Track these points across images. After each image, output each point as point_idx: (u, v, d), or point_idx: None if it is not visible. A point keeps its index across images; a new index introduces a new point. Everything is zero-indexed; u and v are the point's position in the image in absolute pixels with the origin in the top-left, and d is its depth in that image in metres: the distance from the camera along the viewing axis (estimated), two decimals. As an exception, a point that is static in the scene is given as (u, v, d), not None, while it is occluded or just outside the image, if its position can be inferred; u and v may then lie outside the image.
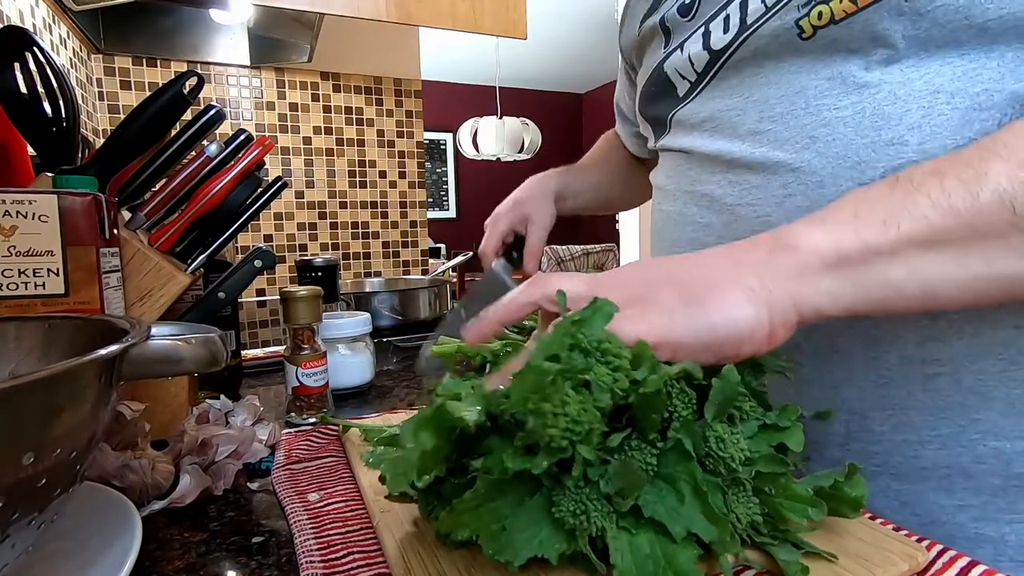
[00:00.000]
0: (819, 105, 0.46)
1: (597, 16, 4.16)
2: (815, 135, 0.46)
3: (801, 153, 0.46)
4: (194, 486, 0.45)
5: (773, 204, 0.48)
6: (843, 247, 0.33)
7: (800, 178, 0.46)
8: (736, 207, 0.50)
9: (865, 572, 0.32)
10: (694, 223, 0.55)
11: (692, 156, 0.56)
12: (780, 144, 0.48)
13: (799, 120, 0.47)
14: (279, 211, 1.56)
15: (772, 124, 0.48)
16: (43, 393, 0.26)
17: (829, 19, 0.44)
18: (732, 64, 0.51)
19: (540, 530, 0.30)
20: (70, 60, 1.17)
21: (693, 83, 0.55)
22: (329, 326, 0.70)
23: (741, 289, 0.33)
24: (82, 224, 0.47)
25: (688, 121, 0.57)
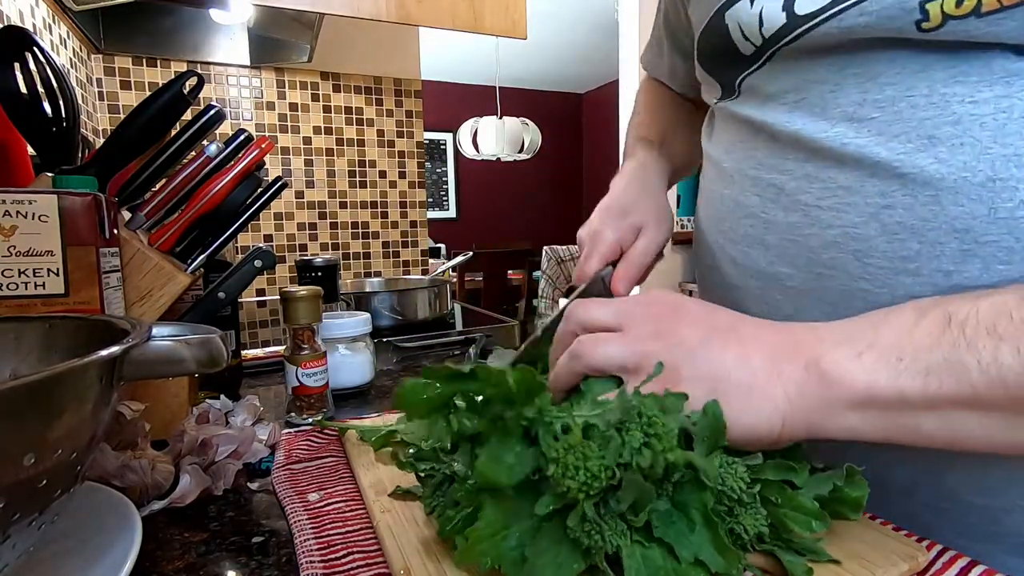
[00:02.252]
0: (947, 95, 0.35)
1: (597, 16, 4.16)
2: (937, 134, 0.36)
3: (914, 156, 0.36)
4: (194, 486, 0.45)
5: (866, 215, 0.38)
6: (877, 391, 0.31)
7: (908, 188, 0.37)
8: (813, 209, 0.41)
9: (865, 572, 0.32)
10: (754, 217, 0.46)
11: (762, 133, 0.45)
12: (886, 139, 0.37)
13: (917, 111, 0.36)
14: (279, 211, 1.56)
15: (878, 111, 0.38)
16: (44, 394, 0.26)
17: (973, 8, 0.33)
18: (816, 38, 0.40)
19: (558, 552, 0.30)
20: (70, 60, 1.17)
21: (759, 48, 0.44)
22: (329, 326, 0.70)
23: (769, 401, 0.32)
24: (82, 224, 0.47)
25: (763, 88, 0.45)
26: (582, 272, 0.54)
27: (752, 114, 0.46)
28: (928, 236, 0.36)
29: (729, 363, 0.33)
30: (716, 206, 0.52)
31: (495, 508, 0.31)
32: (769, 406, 0.32)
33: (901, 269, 0.38)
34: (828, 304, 0.42)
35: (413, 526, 0.38)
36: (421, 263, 1.76)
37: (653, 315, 0.36)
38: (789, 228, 0.43)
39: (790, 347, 0.34)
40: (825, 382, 0.32)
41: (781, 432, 0.32)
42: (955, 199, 0.35)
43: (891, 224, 0.38)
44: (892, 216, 0.38)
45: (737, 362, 0.33)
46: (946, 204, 0.35)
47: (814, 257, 0.42)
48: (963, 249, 0.36)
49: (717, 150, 0.52)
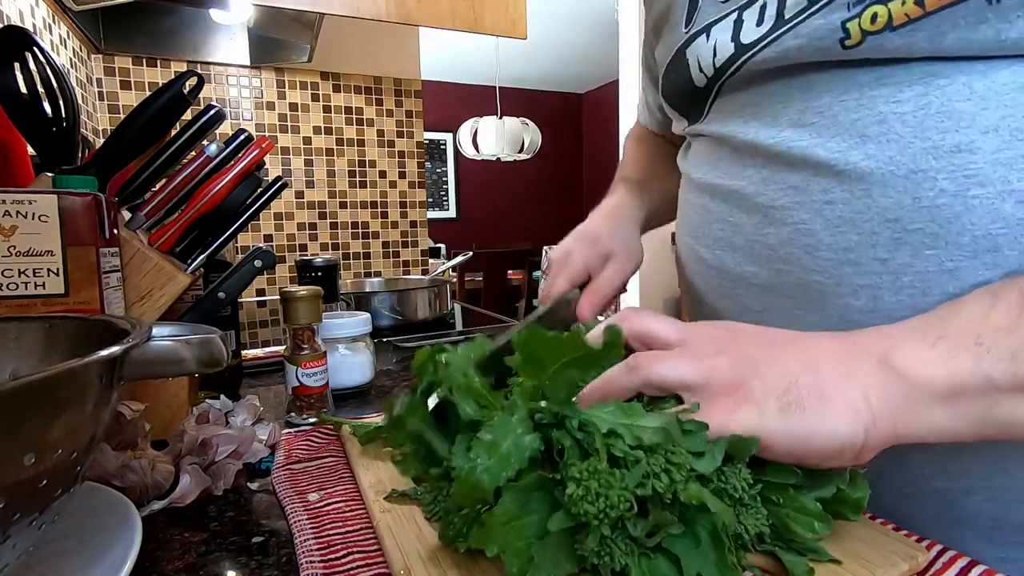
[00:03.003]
0: (874, 96, 0.38)
1: (597, 16, 4.16)
2: (866, 133, 0.38)
3: (848, 154, 0.39)
4: (194, 486, 0.45)
5: (811, 211, 0.41)
6: (962, 379, 0.29)
7: (844, 183, 0.39)
8: (769, 209, 0.44)
9: (865, 572, 0.32)
10: (722, 221, 0.49)
11: (724, 145, 0.49)
12: (825, 140, 0.40)
13: (849, 114, 0.39)
14: (279, 211, 1.56)
15: (817, 116, 0.41)
16: (44, 394, 0.26)
17: (886, 23, 0.36)
18: (759, 63, 0.44)
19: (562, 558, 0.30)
20: (70, 60, 1.17)
21: (710, 79, 0.49)
22: (329, 326, 0.70)
23: (847, 405, 0.30)
24: (82, 224, 0.47)
25: (723, 107, 0.50)
26: (548, 291, 0.56)
27: (715, 130, 0.50)
28: (864, 227, 0.39)
29: (795, 370, 0.32)
30: (690, 215, 0.55)
31: (513, 497, 0.30)
32: (850, 412, 0.30)
33: (844, 260, 0.40)
34: (787, 297, 0.44)
35: (413, 526, 0.38)
36: (421, 263, 1.76)
37: (713, 335, 0.35)
38: (752, 229, 0.46)
39: (854, 347, 0.33)
40: (903, 377, 0.30)
41: (866, 440, 0.30)
42: (884, 191, 0.38)
43: (833, 218, 0.40)
44: (834, 211, 0.40)
45: (803, 368, 0.32)
46: (877, 196, 0.38)
47: (773, 254, 0.45)
48: (895, 237, 0.38)
49: (688, 165, 0.56)
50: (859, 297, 0.40)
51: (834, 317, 0.41)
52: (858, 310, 0.40)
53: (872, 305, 0.40)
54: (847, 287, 0.40)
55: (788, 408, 0.31)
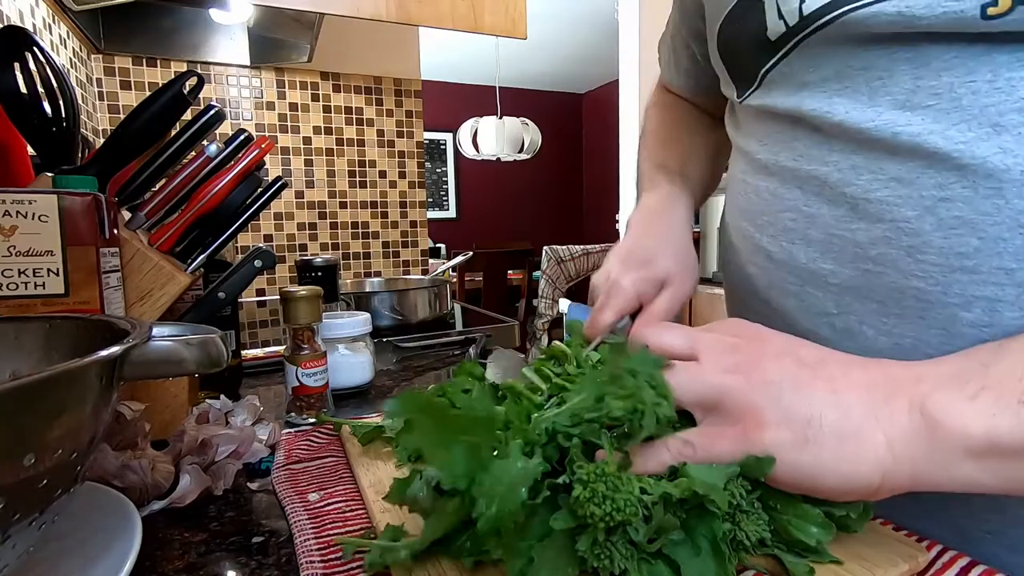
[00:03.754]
0: (1013, 79, 0.32)
1: (597, 16, 4.16)
2: (1003, 123, 0.33)
3: (976, 145, 0.33)
4: (194, 486, 0.45)
5: (920, 208, 0.36)
6: (999, 436, 0.27)
7: (967, 179, 0.34)
8: (862, 202, 0.38)
9: (865, 572, 0.32)
10: (795, 210, 0.43)
11: (801, 123, 0.42)
12: (944, 127, 0.34)
13: (979, 98, 0.33)
14: (279, 211, 1.56)
15: (934, 98, 0.35)
16: (44, 394, 0.26)
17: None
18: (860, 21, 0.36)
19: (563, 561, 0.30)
20: (70, 60, 1.17)
21: (791, 28, 0.40)
22: (329, 326, 0.70)
23: (869, 449, 0.29)
24: (82, 224, 0.47)
25: (795, 77, 0.42)
26: (595, 324, 0.48)
27: (789, 104, 0.43)
28: (989, 231, 0.34)
29: (819, 404, 0.30)
30: (751, 199, 0.48)
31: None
32: (870, 455, 0.29)
33: (958, 267, 0.35)
34: (875, 302, 0.39)
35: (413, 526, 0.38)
36: (421, 263, 1.76)
37: (732, 346, 0.33)
38: (835, 222, 0.40)
39: (887, 386, 0.31)
40: (935, 428, 0.29)
41: (881, 485, 0.29)
42: (1021, 192, 0.33)
43: (948, 218, 0.35)
44: (950, 210, 0.35)
45: (829, 403, 0.30)
46: (1010, 197, 0.33)
47: (861, 252, 0.39)
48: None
49: (748, 141, 0.48)
50: (971, 309, 0.35)
51: (936, 328, 0.37)
52: (968, 323, 0.36)
53: (987, 319, 0.35)
54: (957, 297, 0.36)
55: (805, 443, 0.30)
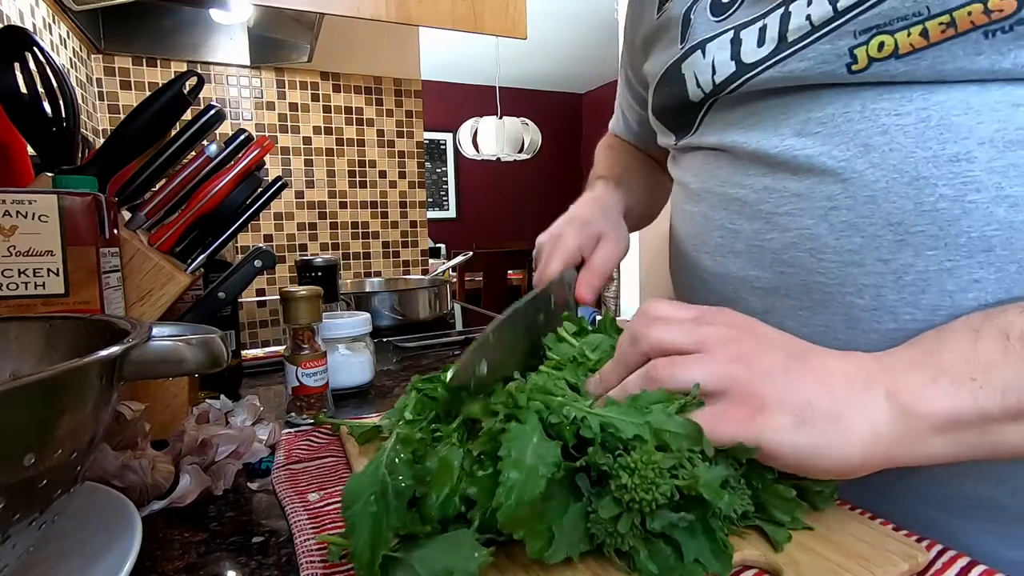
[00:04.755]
0: (876, 109, 0.41)
1: (597, 16, 4.16)
2: (870, 143, 0.41)
3: (853, 162, 0.41)
4: (194, 486, 0.45)
5: (816, 216, 0.43)
6: (960, 413, 0.32)
7: (849, 190, 0.42)
8: (773, 215, 0.46)
9: (865, 572, 0.32)
10: (722, 228, 0.51)
11: (724, 155, 0.51)
12: (829, 149, 0.43)
13: (853, 124, 0.42)
14: (279, 211, 1.56)
15: (820, 127, 0.43)
16: (44, 394, 0.26)
17: (892, 51, 0.39)
18: (760, 83, 0.46)
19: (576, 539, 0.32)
20: (70, 60, 1.17)
21: (708, 94, 0.51)
22: (329, 326, 0.70)
23: (856, 432, 0.33)
24: (82, 224, 0.47)
25: (720, 119, 0.51)
26: (543, 273, 0.56)
27: (712, 140, 0.52)
28: (868, 231, 0.41)
29: (811, 391, 0.34)
30: (687, 222, 0.56)
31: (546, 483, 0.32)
32: (856, 437, 0.33)
33: (849, 261, 0.42)
34: (792, 299, 0.46)
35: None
36: (421, 263, 1.76)
37: (730, 338, 0.36)
38: (754, 235, 0.48)
39: (862, 376, 0.35)
40: (908, 411, 0.33)
41: (862, 464, 0.33)
42: (888, 196, 0.40)
43: (837, 223, 0.42)
44: (838, 216, 0.42)
45: (819, 391, 0.34)
46: (881, 202, 0.40)
47: (776, 258, 0.46)
48: (897, 239, 0.40)
49: (684, 174, 0.57)
50: (863, 296, 0.42)
51: (839, 315, 0.44)
52: (861, 308, 0.42)
53: (875, 303, 0.42)
54: (851, 287, 0.42)
55: (802, 425, 0.33)
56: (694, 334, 0.37)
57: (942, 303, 0.39)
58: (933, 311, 0.40)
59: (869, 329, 0.42)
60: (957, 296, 0.39)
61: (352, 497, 0.33)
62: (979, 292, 0.38)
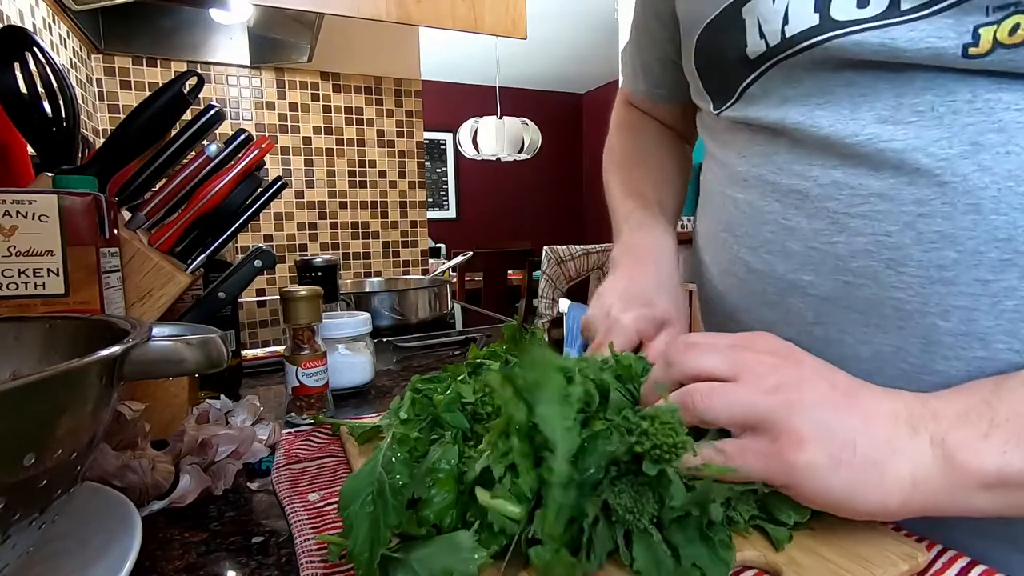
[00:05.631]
0: (992, 101, 0.34)
1: (597, 16, 4.16)
2: (981, 141, 0.34)
3: (956, 163, 0.35)
4: (194, 486, 0.45)
5: (900, 223, 0.37)
6: (1010, 472, 0.30)
7: (947, 196, 0.35)
8: (842, 216, 0.40)
9: (865, 572, 0.32)
10: (775, 223, 0.44)
11: (783, 136, 0.43)
12: (926, 143, 0.36)
13: (960, 117, 0.35)
14: (279, 211, 1.56)
15: (916, 115, 0.36)
16: (44, 394, 0.26)
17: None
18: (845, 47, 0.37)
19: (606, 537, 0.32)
20: (70, 60, 1.17)
21: (772, 48, 0.41)
22: (329, 326, 0.70)
23: (895, 480, 0.31)
24: (82, 224, 0.47)
25: (778, 90, 0.43)
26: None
27: (771, 116, 0.44)
28: (967, 245, 0.36)
29: (853, 431, 0.31)
30: (730, 211, 0.49)
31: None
32: (895, 484, 0.31)
33: (937, 278, 0.37)
34: (856, 312, 0.41)
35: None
36: (421, 263, 1.76)
37: (769, 366, 0.33)
38: (814, 235, 0.42)
39: (909, 421, 0.32)
40: (954, 465, 0.31)
41: (898, 511, 0.32)
42: (997, 208, 0.34)
43: (928, 233, 0.36)
44: (929, 225, 0.36)
45: (862, 431, 0.32)
46: (987, 213, 0.35)
47: (841, 265, 0.41)
48: (1003, 259, 0.35)
49: (726, 153, 0.49)
50: (949, 319, 0.37)
51: (915, 337, 0.39)
52: (946, 331, 0.38)
53: (964, 328, 0.37)
54: (935, 307, 0.37)
55: (839, 467, 0.31)
56: (732, 361, 0.34)
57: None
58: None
59: (951, 356, 0.37)
60: None
61: (349, 497, 0.33)
62: None
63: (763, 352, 0.34)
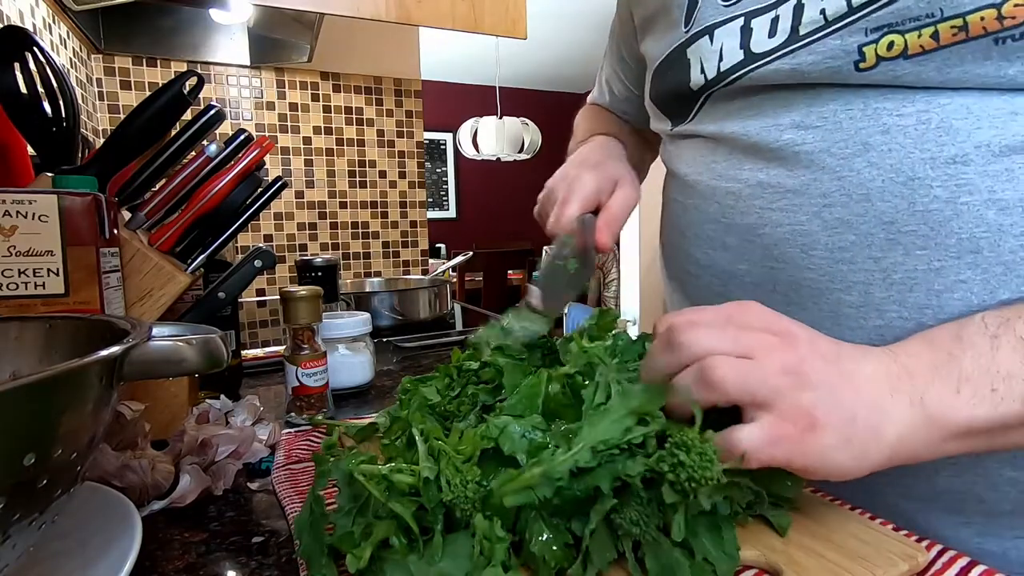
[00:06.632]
0: (879, 108, 0.41)
1: (597, 16, 4.16)
2: (870, 141, 0.41)
3: (851, 160, 0.42)
4: (194, 486, 0.45)
5: (810, 213, 0.44)
6: (979, 423, 0.33)
7: (845, 187, 0.42)
8: (766, 211, 0.46)
9: (865, 572, 0.32)
10: (715, 222, 0.51)
11: (721, 145, 0.51)
12: (828, 146, 0.43)
13: (855, 122, 0.42)
14: (279, 211, 1.56)
15: (822, 121, 0.43)
16: (44, 394, 0.26)
17: (901, 51, 0.39)
18: (766, 74, 0.45)
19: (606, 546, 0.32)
20: (70, 60, 1.17)
21: (710, 80, 0.50)
22: (329, 326, 0.70)
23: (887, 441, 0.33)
24: (82, 224, 0.47)
25: (719, 108, 0.51)
26: (562, 216, 0.52)
27: (711, 129, 0.51)
28: (861, 228, 0.42)
29: (852, 404, 0.34)
30: (679, 214, 0.56)
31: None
32: (886, 445, 0.34)
33: (839, 258, 0.43)
34: (780, 294, 0.47)
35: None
36: (421, 263, 1.76)
37: (771, 345, 0.35)
38: (746, 229, 0.48)
39: (887, 382, 0.35)
40: (931, 421, 0.34)
41: (882, 466, 0.34)
42: (883, 196, 0.41)
43: (831, 220, 0.43)
44: (832, 214, 0.43)
45: (858, 403, 0.34)
46: (875, 200, 0.41)
47: (767, 253, 0.47)
48: (889, 238, 0.41)
49: (679, 164, 0.56)
50: (851, 293, 0.43)
51: (826, 311, 0.44)
52: (848, 304, 0.43)
53: (863, 300, 0.42)
54: (840, 283, 0.43)
55: (848, 443, 0.33)
56: (739, 341, 0.34)
57: (929, 302, 0.40)
58: (920, 309, 0.40)
59: (855, 326, 0.43)
60: (944, 295, 0.40)
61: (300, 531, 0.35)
62: (965, 292, 0.39)
63: (759, 330, 0.36)
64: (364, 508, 0.34)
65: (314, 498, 0.36)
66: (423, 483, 0.32)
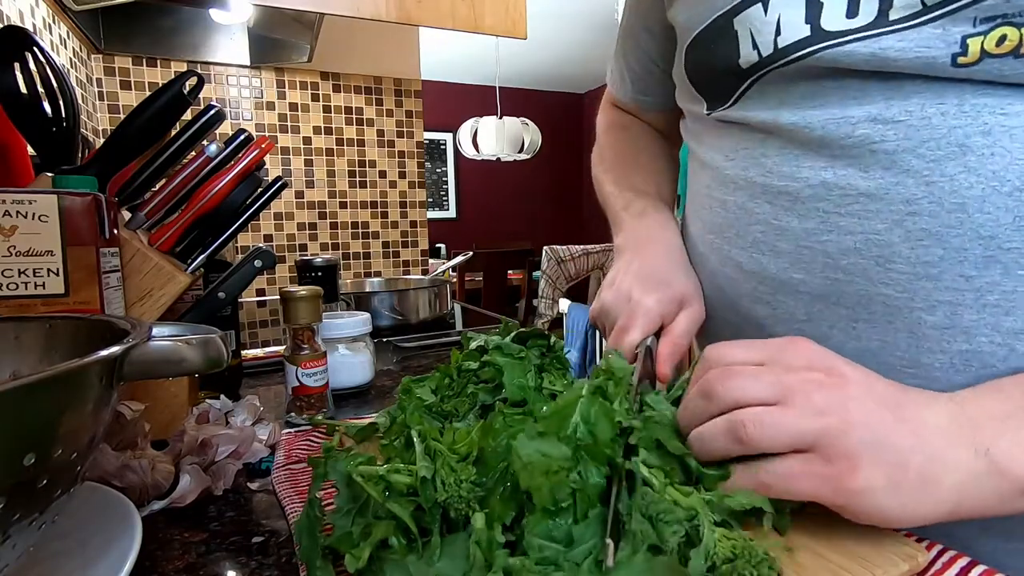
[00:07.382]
0: (978, 105, 0.35)
1: (597, 16, 4.16)
2: (967, 144, 0.35)
3: (943, 164, 0.36)
4: (194, 486, 0.45)
5: (889, 222, 0.38)
6: None
7: (934, 195, 0.36)
8: (832, 215, 0.40)
9: (865, 572, 0.32)
10: (764, 223, 0.45)
11: (773, 137, 0.44)
12: (915, 145, 0.37)
13: (947, 120, 0.36)
14: (279, 211, 1.56)
15: (906, 115, 0.37)
16: (44, 394, 0.26)
17: (1013, 47, 0.33)
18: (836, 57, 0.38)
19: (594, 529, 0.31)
20: (70, 60, 1.17)
21: (765, 58, 0.42)
22: (329, 326, 0.70)
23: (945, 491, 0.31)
24: (82, 224, 0.47)
25: (773, 94, 0.43)
26: (621, 343, 0.48)
27: (760, 118, 0.44)
28: (952, 242, 0.37)
29: (905, 449, 0.31)
30: (718, 212, 0.50)
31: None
32: (944, 497, 0.31)
33: (923, 274, 0.38)
34: (844, 308, 0.42)
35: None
36: (421, 263, 1.76)
37: (814, 385, 0.33)
38: (805, 234, 0.43)
39: (952, 431, 0.32)
40: (1002, 475, 0.31)
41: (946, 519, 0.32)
42: (981, 207, 0.35)
43: (915, 230, 0.38)
44: (916, 224, 0.37)
45: (914, 449, 0.32)
46: (972, 212, 0.36)
47: (831, 263, 0.42)
48: (986, 255, 0.36)
49: (714, 155, 0.50)
50: (935, 313, 0.38)
51: (902, 332, 0.40)
52: (931, 325, 0.39)
53: (948, 322, 0.38)
54: (921, 302, 0.39)
55: (894, 489, 0.31)
56: (775, 386, 0.33)
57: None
58: (1015, 335, 0.36)
59: (936, 349, 0.39)
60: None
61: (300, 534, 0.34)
62: None
63: (803, 368, 0.34)
64: (363, 509, 0.34)
65: (310, 501, 0.36)
66: (420, 483, 0.32)
